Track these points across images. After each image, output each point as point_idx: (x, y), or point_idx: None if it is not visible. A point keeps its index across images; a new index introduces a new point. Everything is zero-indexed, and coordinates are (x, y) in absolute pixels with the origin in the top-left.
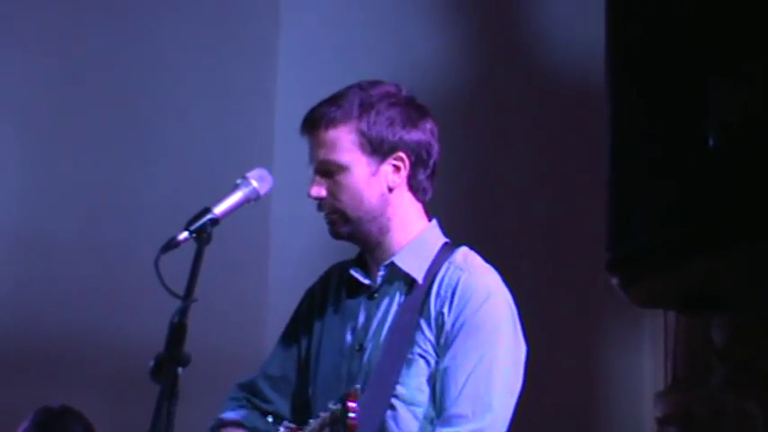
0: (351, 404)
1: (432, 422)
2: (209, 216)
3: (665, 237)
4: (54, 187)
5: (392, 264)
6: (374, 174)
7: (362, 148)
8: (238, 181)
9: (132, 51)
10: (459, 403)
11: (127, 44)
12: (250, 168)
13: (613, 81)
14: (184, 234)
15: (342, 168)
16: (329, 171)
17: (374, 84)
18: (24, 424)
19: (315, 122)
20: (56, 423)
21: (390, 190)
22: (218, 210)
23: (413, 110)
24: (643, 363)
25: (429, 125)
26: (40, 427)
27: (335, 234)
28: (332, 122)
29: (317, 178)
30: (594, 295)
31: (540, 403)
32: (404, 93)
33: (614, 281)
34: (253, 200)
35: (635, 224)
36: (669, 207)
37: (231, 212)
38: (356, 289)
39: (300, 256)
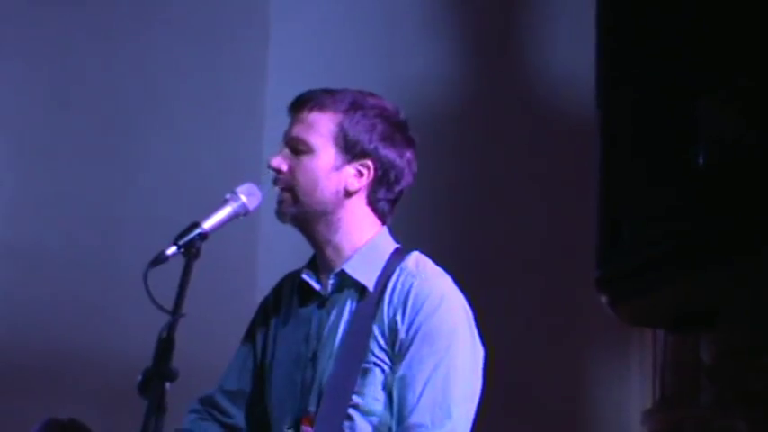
0: (306, 429)
1: (389, 430)
2: (197, 231)
3: (653, 255)
4: (43, 200)
5: (342, 271)
6: (336, 169)
7: (336, 140)
8: (227, 196)
9: (121, 64)
10: (418, 412)
11: (115, 57)
12: (239, 183)
13: (604, 101)
14: (173, 248)
15: (309, 150)
16: (297, 149)
17: (374, 95)
18: None
19: (302, 103)
20: None
21: (348, 194)
22: (207, 224)
23: (399, 133)
24: (631, 380)
25: (409, 155)
26: None
27: (281, 213)
28: (318, 106)
29: (285, 152)
30: (583, 313)
31: (528, 420)
32: (400, 116)
33: (603, 298)
34: (242, 215)
35: (624, 243)
36: (658, 226)
37: (220, 227)
38: (308, 296)
39: (288, 271)
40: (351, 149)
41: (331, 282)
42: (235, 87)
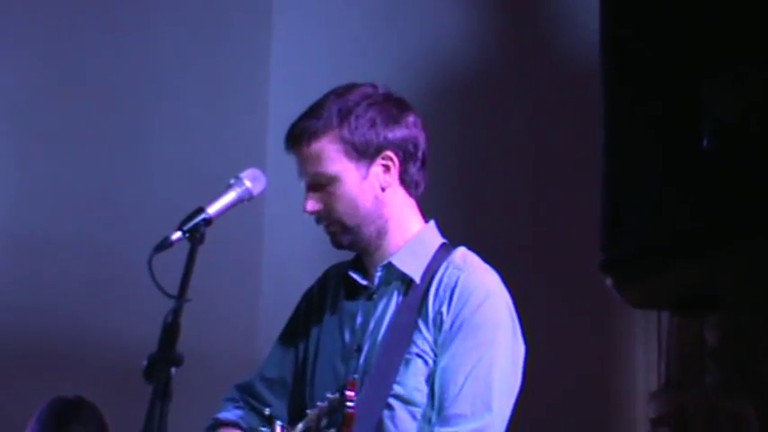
0: (349, 393)
1: (430, 422)
2: (202, 216)
3: (658, 238)
4: (48, 188)
5: (389, 264)
6: (365, 177)
7: (348, 155)
8: (232, 181)
9: (125, 53)
10: (458, 403)
11: (120, 47)
12: (243, 168)
13: (608, 83)
14: (178, 234)
15: (332, 179)
16: (320, 184)
17: (350, 88)
18: (37, 413)
19: (297, 138)
20: (72, 412)
21: (383, 189)
22: (212, 210)
23: (392, 106)
24: (636, 363)
25: (411, 118)
26: (57, 416)
27: (338, 245)
28: (314, 135)
29: (310, 193)
30: (588, 296)
31: (533, 404)
32: (381, 91)
33: (608, 281)
34: (246, 200)
35: (629, 225)
36: (663, 208)
37: (224, 212)
38: (355, 290)
39: (293, 256)
40: (366, 153)
41: (378, 274)
42: (238, 74)
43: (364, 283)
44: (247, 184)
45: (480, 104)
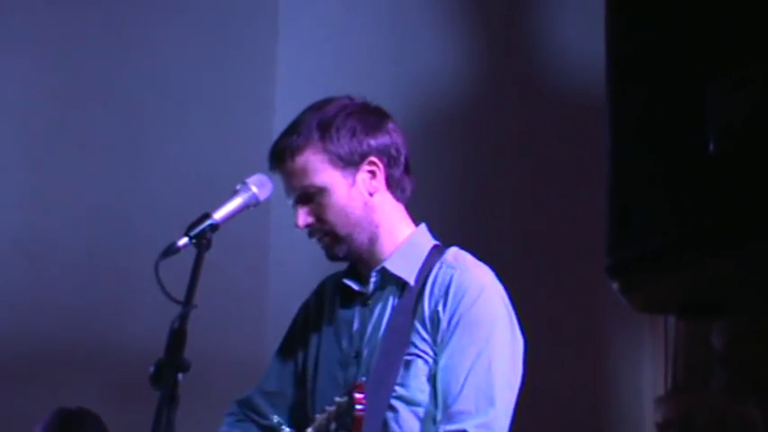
0: (357, 395)
1: (433, 421)
2: (208, 221)
3: (665, 241)
4: (54, 193)
5: (383, 269)
6: (353, 185)
7: (333, 164)
8: (238, 186)
9: (131, 58)
10: (462, 400)
11: (125, 52)
12: (250, 174)
13: (613, 86)
14: (184, 240)
15: (320, 190)
16: (309, 196)
17: (327, 101)
18: (41, 424)
19: (280, 155)
20: (75, 424)
21: (371, 195)
22: (218, 215)
23: (371, 115)
24: (643, 367)
25: (390, 125)
26: (61, 427)
27: (332, 257)
28: (297, 150)
29: (300, 207)
30: (594, 300)
31: (540, 408)
32: (357, 101)
33: (615, 285)
34: (252, 205)
35: (635, 228)
36: (669, 211)
37: (231, 218)
38: (350, 298)
39: (300, 261)
40: (351, 161)
41: (373, 279)
42: (244, 81)
43: (359, 289)
44: (254, 189)
45: (484, 106)
